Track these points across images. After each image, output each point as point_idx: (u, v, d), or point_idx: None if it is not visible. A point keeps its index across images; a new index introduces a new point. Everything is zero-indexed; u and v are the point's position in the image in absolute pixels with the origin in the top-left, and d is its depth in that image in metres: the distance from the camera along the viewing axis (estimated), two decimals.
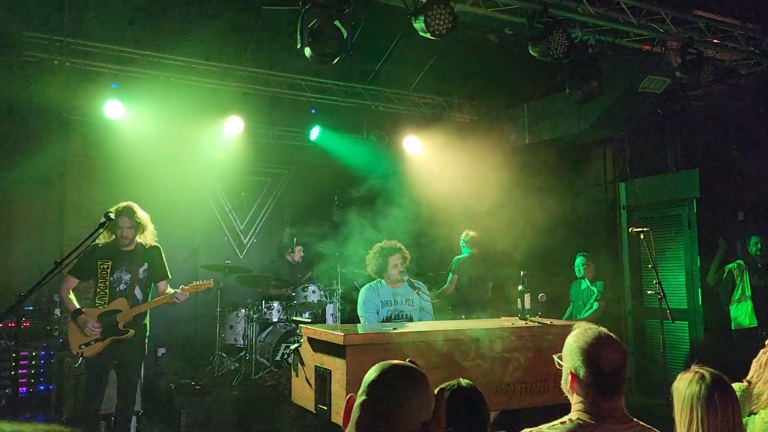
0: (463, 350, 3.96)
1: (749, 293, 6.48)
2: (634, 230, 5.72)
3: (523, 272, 4.83)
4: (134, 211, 4.89)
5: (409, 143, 9.17)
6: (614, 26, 5.74)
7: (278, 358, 7.12)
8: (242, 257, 9.40)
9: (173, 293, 4.96)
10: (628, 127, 7.75)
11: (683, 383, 2.29)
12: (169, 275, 5.13)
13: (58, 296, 6.10)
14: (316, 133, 8.85)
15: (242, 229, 9.60)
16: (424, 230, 7.14)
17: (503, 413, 4.24)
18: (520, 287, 4.79)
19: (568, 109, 7.60)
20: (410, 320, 5.07)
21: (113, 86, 7.29)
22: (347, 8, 4.86)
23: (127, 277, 4.89)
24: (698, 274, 6.99)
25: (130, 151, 7.54)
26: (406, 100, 8.86)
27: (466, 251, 7.55)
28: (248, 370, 7.17)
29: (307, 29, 4.73)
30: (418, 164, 8.87)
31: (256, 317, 7.42)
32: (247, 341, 7.40)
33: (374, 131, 9.02)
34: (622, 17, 5.65)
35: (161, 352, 7.82)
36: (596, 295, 7.04)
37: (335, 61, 4.93)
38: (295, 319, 7.40)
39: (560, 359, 2.27)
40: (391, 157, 8.99)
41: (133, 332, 4.84)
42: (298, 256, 8.15)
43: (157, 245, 5.09)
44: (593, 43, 5.88)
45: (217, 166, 8.87)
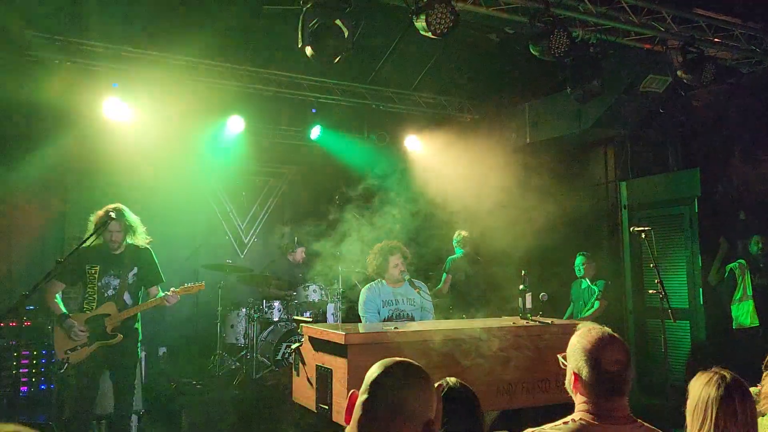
0: (464, 350, 3.96)
1: (750, 292, 6.49)
2: (635, 229, 5.71)
3: (523, 271, 4.82)
4: (124, 213, 4.77)
5: (409, 142, 9.17)
6: (615, 25, 5.73)
7: (279, 357, 7.12)
8: (243, 256, 9.40)
9: (164, 295, 4.86)
10: (629, 126, 7.73)
11: (701, 382, 2.22)
12: (162, 279, 5.02)
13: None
14: (316, 132, 8.84)
15: (243, 228, 9.59)
16: (424, 230, 7.12)
17: (504, 413, 4.23)
18: (521, 286, 4.78)
19: (569, 108, 7.59)
20: (411, 320, 5.07)
21: (114, 85, 7.29)
22: (348, 7, 4.86)
23: (116, 282, 4.78)
24: (699, 273, 6.99)
25: (131, 150, 7.53)
26: (407, 99, 8.84)
27: (459, 251, 7.67)
28: (249, 369, 7.17)
29: (308, 28, 4.72)
30: (418, 163, 8.87)
31: (257, 316, 7.41)
32: (248, 340, 7.40)
33: (375, 131, 9.04)
34: (623, 16, 5.64)
35: (162, 351, 7.82)
36: (597, 294, 7.04)
37: (336, 60, 4.93)
38: (296, 318, 7.38)
39: (564, 359, 2.26)
40: (391, 156, 8.99)
41: (121, 337, 4.71)
42: (299, 256, 8.13)
43: (147, 247, 4.96)
44: (594, 42, 5.87)
45: (217, 165, 8.87)
